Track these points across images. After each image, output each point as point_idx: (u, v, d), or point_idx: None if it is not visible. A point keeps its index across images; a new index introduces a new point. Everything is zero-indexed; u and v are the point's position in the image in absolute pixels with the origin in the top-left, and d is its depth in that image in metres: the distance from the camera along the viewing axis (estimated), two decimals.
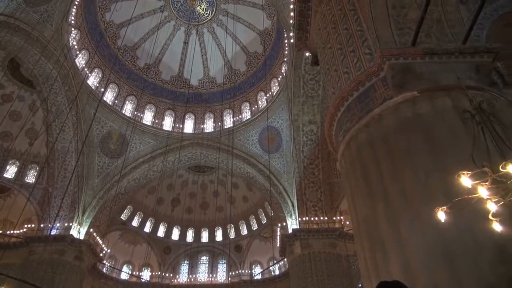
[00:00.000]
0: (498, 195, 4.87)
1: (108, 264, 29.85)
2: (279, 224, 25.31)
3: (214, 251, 32.86)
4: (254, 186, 29.44)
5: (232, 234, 33.35)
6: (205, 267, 33.88)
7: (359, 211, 7.64)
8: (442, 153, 6.52)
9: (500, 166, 4.63)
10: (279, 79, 26.80)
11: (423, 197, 6.30)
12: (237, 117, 29.86)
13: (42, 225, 24.56)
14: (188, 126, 30.77)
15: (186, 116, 31.32)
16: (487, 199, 4.85)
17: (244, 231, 33.72)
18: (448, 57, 7.49)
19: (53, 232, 23.47)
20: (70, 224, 24.49)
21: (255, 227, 33.05)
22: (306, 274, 21.31)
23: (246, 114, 29.72)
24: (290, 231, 23.54)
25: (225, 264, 33.56)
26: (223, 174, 30.93)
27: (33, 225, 24.98)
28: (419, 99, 7.30)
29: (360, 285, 22.39)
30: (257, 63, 30.75)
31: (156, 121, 29.90)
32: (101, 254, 26.92)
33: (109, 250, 28.96)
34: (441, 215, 4.91)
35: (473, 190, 4.78)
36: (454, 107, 6.90)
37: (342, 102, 8.76)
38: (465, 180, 4.77)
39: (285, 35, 22.81)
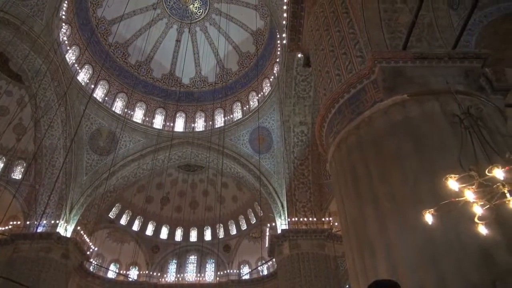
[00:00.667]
0: (484, 199, 4.94)
1: (95, 263, 29.55)
2: (268, 225, 25.34)
3: (203, 251, 32.75)
4: (244, 186, 29.43)
5: (221, 234, 33.29)
6: (194, 266, 33.75)
7: (348, 213, 7.71)
8: (431, 156, 6.61)
9: (487, 170, 4.70)
10: (271, 79, 26.82)
11: (411, 199, 6.38)
12: (228, 117, 29.84)
13: (28, 222, 24.19)
14: (179, 125, 30.64)
15: (177, 115, 31.18)
16: (474, 202, 4.92)
17: (233, 231, 33.68)
18: (438, 62, 7.59)
19: (40, 229, 23.14)
20: (57, 221, 24.17)
21: (244, 227, 33.04)
22: (294, 274, 21.37)
23: (237, 114, 29.70)
24: (279, 231, 23.58)
25: (213, 264, 33.48)
26: (213, 174, 30.86)
27: (19, 222, 24.61)
28: (409, 102, 7.40)
29: (347, 286, 22.54)
30: (249, 63, 30.75)
31: (147, 119, 29.70)
32: (88, 253, 26.63)
33: (96, 249, 28.67)
34: (429, 218, 4.97)
35: (460, 193, 4.85)
36: (442, 111, 7.01)
37: (333, 104, 8.82)
38: (453, 183, 4.83)
39: (278, 36, 22.85)
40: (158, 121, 30.17)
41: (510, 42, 11.24)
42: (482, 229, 5.08)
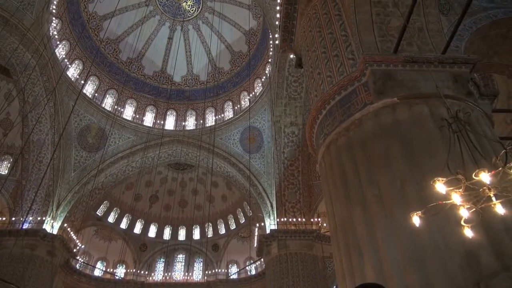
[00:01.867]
0: (470, 202, 5.00)
1: (82, 260, 29.26)
2: (257, 224, 25.39)
3: (191, 250, 32.67)
4: (234, 185, 29.42)
5: (210, 233, 33.23)
6: (181, 265, 33.63)
7: (336, 214, 7.76)
8: (419, 159, 6.69)
9: (473, 174, 4.76)
10: (262, 79, 26.86)
11: (398, 201, 6.45)
12: (219, 116, 29.80)
13: (13, 219, 23.85)
14: (169, 123, 30.49)
15: (168, 113, 31.03)
16: (460, 205, 4.98)
17: (222, 230, 33.65)
18: (428, 66, 7.69)
19: (25, 226, 22.83)
20: (44, 218, 23.87)
21: (233, 226, 33.03)
22: (282, 274, 21.44)
23: (229, 113, 29.69)
24: (268, 231, 23.62)
25: (201, 263, 33.43)
26: (203, 173, 30.80)
27: (4, 218, 24.24)
28: (399, 105, 7.49)
29: (334, 287, 22.69)
30: (241, 63, 30.74)
31: (137, 116, 29.48)
32: (74, 250, 26.36)
33: (83, 246, 28.39)
34: (416, 220, 5.03)
35: (447, 197, 4.91)
36: (431, 115, 7.11)
37: (324, 105, 8.88)
38: (440, 186, 4.89)
39: (271, 36, 22.88)
40: (149, 119, 30.00)
41: (497, 48, 11.46)
42: (468, 232, 5.15)
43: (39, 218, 23.83)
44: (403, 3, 9.53)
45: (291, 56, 14.52)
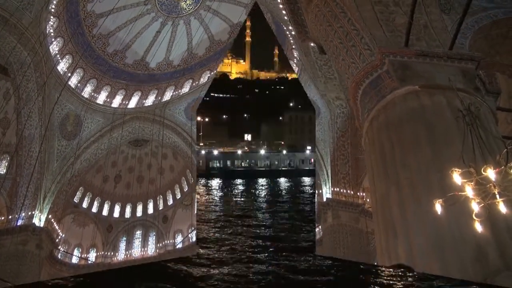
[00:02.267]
0: (479, 197, 5.02)
1: (62, 250, 28.88)
2: (316, 191, 25.36)
3: (146, 224, 32.61)
4: (179, 154, 29.99)
5: (161, 205, 33.28)
6: (139, 241, 33.59)
7: (377, 190, 7.95)
8: (440, 146, 6.82)
9: (482, 169, 4.78)
10: (295, 61, 26.86)
11: (424, 187, 6.54)
12: (176, 92, 30.39)
13: (10, 217, 23.54)
14: (133, 103, 30.77)
15: (134, 94, 31.34)
16: (472, 198, 5.01)
17: (170, 201, 33.69)
18: (438, 60, 7.86)
19: (19, 222, 22.59)
20: (33, 212, 23.65)
21: (178, 195, 33.12)
22: (336, 244, 21.41)
23: (185, 89, 30.32)
24: (324, 199, 23.61)
25: (154, 236, 33.51)
26: (156, 146, 31.23)
27: (3, 218, 23.86)
28: (421, 93, 7.67)
29: (375, 263, 22.69)
30: (216, 49, 31.29)
31: (108, 100, 29.61)
32: (57, 240, 26.09)
33: (63, 235, 28.08)
34: (438, 207, 5.03)
35: (462, 188, 4.93)
36: (448, 105, 7.25)
37: (358, 86, 9.12)
38: (456, 177, 4.91)
39: (284, 28, 22.81)
40: (117, 101, 30.21)
41: (498, 48, 11.62)
42: (478, 226, 5.15)
43: (29, 213, 23.60)
44: (403, 2, 9.60)
45: (312, 44, 14.47)
